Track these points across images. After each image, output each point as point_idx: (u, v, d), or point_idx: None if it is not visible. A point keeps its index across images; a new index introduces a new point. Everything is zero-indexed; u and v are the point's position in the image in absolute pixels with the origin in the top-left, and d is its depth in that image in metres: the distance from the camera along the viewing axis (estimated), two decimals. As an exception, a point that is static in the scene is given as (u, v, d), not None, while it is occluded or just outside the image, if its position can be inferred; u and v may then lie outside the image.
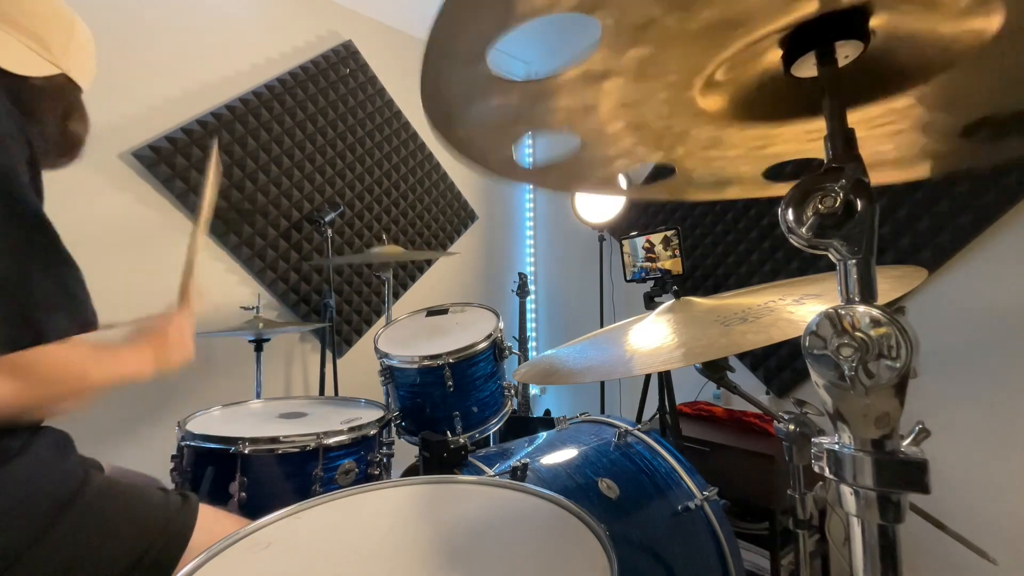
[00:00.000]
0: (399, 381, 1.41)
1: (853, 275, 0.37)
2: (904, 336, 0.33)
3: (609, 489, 0.92)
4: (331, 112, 2.32)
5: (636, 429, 1.09)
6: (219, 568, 0.54)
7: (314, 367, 2.21)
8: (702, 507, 0.96)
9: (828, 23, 0.39)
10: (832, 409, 0.37)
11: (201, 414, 1.29)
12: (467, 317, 1.57)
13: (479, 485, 0.75)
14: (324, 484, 1.11)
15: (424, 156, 2.70)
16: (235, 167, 2.00)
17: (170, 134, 1.84)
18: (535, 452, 1.02)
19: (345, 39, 2.40)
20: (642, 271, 1.98)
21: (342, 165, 2.35)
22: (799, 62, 0.43)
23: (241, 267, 2.04)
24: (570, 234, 2.99)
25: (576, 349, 0.80)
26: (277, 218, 2.12)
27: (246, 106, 2.04)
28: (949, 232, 1.55)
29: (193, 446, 1.10)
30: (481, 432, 1.39)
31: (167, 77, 1.87)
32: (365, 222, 2.45)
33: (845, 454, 0.36)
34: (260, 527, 0.62)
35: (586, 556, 0.54)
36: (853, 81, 0.45)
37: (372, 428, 1.21)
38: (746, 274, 2.11)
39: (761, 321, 0.60)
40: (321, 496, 0.70)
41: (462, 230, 2.89)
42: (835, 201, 0.37)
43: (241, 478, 1.05)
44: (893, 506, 0.35)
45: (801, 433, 0.62)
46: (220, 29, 2.03)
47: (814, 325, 0.37)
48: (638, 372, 0.73)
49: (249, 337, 1.80)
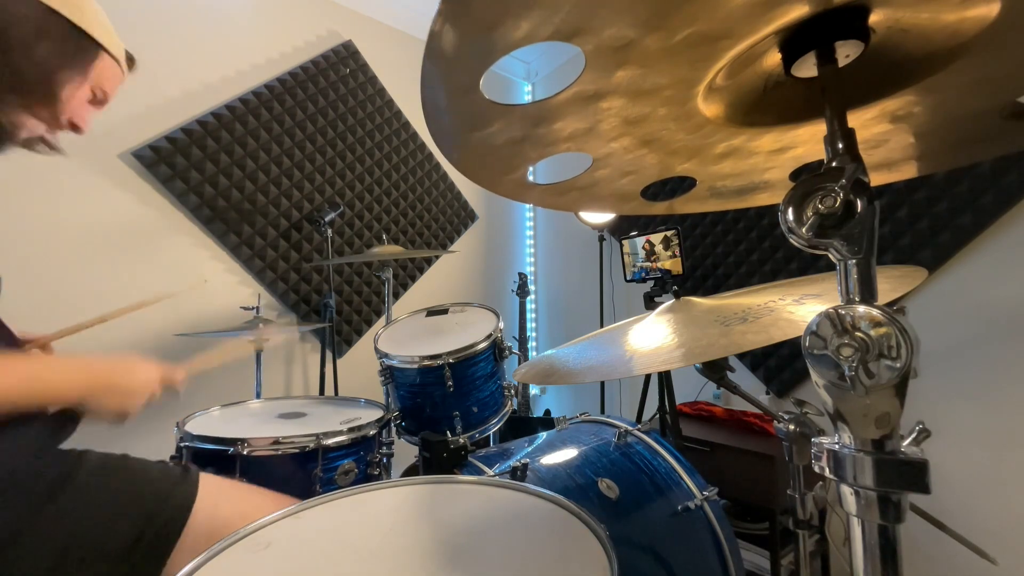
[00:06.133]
0: (399, 381, 1.41)
1: (853, 275, 0.37)
2: (904, 336, 0.33)
3: (609, 489, 0.92)
4: (331, 112, 2.32)
5: (636, 429, 1.09)
6: (219, 568, 0.54)
7: (314, 367, 2.21)
8: (702, 507, 0.96)
9: (826, 23, 0.39)
10: (832, 409, 0.37)
11: (200, 414, 1.29)
12: (467, 317, 1.57)
13: (479, 485, 0.75)
14: (324, 484, 1.11)
15: (424, 156, 2.70)
16: (235, 167, 2.00)
17: (170, 134, 1.84)
18: (535, 452, 1.02)
19: (345, 39, 2.40)
20: (642, 271, 1.98)
21: (342, 165, 2.35)
22: (799, 62, 0.43)
23: (241, 267, 2.04)
24: (570, 234, 2.99)
25: (576, 349, 0.80)
26: (277, 218, 2.12)
27: (246, 106, 2.04)
28: (949, 232, 1.55)
29: (192, 447, 1.10)
30: (481, 432, 1.39)
31: (167, 77, 1.87)
32: (365, 222, 2.44)
33: (845, 454, 0.36)
34: (260, 527, 0.62)
35: (586, 556, 0.54)
36: (859, 79, 0.45)
37: (372, 428, 1.21)
38: (746, 274, 2.11)
39: (761, 321, 0.60)
40: (321, 496, 0.70)
41: (462, 230, 2.89)
42: (835, 201, 0.37)
43: (240, 479, 1.05)
44: (893, 506, 0.35)
45: (801, 433, 0.62)
46: (220, 29, 2.02)
47: (814, 325, 0.37)
48: (638, 372, 0.73)
49: (249, 337, 1.80)
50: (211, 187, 1.93)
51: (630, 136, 0.51)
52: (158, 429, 1.75)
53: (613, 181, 0.63)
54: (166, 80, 1.87)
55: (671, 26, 0.35)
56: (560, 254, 3.16)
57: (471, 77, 0.39)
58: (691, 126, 0.51)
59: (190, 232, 1.92)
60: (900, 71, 0.45)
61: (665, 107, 0.47)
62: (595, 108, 0.45)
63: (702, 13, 0.35)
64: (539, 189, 0.65)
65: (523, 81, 3.27)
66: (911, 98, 0.49)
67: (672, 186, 0.67)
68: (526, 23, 0.34)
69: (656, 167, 0.60)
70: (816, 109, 0.49)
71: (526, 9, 0.32)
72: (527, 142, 0.50)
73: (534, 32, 0.34)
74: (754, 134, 0.55)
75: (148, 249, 1.82)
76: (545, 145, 0.51)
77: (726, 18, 0.36)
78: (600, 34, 0.35)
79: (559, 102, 0.44)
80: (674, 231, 1.85)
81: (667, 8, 0.34)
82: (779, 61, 0.44)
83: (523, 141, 0.50)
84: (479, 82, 0.40)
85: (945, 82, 0.45)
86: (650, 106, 0.46)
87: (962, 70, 0.44)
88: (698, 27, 0.36)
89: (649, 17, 0.34)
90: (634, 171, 0.60)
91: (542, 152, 0.53)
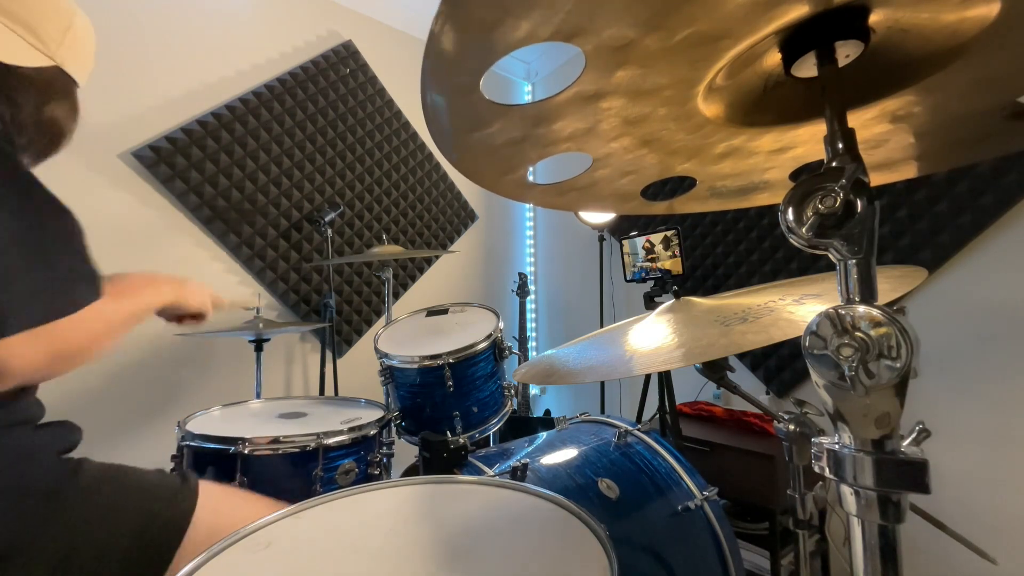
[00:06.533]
0: (399, 381, 1.41)
1: (853, 275, 0.37)
2: (904, 336, 0.33)
3: (609, 489, 0.92)
4: (331, 112, 2.32)
5: (636, 429, 1.09)
6: (219, 568, 0.54)
7: (314, 367, 2.21)
8: (702, 507, 0.96)
9: (826, 23, 0.39)
10: (832, 409, 0.37)
11: (201, 414, 1.29)
12: (467, 317, 1.57)
13: (479, 485, 0.75)
14: (324, 484, 1.11)
15: (424, 156, 2.70)
16: (235, 167, 2.00)
17: (170, 134, 1.84)
18: (535, 452, 1.02)
19: (345, 39, 2.40)
20: (642, 271, 1.98)
21: (342, 165, 2.35)
22: (799, 62, 0.43)
23: (241, 267, 2.04)
24: (570, 234, 2.99)
25: (576, 349, 0.80)
26: (277, 218, 2.12)
27: (246, 106, 2.04)
28: (949, 232, 1.55)
29: (193, 446, 1.10)
30: (481, 432, 1.39)
31: (167, 77, 1.87)
32: (365, 222, 2.45)
33: (845, 454, 0.36)
34: (260, 527, 0.62)
35: (586, 556, 0.54)
36: (859, 79, 0.45)
37: (372, 428, 1.21)
38: (746, 274, 2.11)
39: (761, 321, 0.60)
40: (321, 496, 0.70)
41: (462, 230, 2.89)
42: (835, 201, 0.37)
43: (241, 478, 1.05)
44: (893, 506, 0.35)
45: (801, 433, 0.62)
46: (220, 29, 2.03)
47: (814, 325, 0.37)
48: (638, 372, 0.73)
49: (249, 337, 1.80)
50: (211, 187, 1.93)
51: (630, 136, 0.51)
52: (159, 429, 1.76)
53: (613, 181, 0.63)
54: (166, 80, 1.87)
55: (671, 26, 0.35)
56: (560, 254, 3.16)
57: (471, 77, 0.39)
58: (691, 126, 0.51)
59: (190, 232, 1.92)
60: (900, 71, 0.45)
61: (665, 107, 0.46)
62: (595, 108, 0.45)
63: (702, 13, 0.35)
64: (539, 189, 0.65)
65: (523, 81, 3.27)
66: (911, 98, 0.49)
67: (672, 186, 0.67)
68: (526, 23, 0.34)
69: (656, 167, 0.60)
70: (816, 109, 0.49)
71: (526, 9, 0.32)
72: (527, 142, 0.50)
73: (534, 32, 0.34)
74: (754, 134, 0.55)
75: (148, 249, 1.82)
76: (545, 145, 0.51)
77: (726, 18, 0.36)
78: (600, 34, 0.35)
79: (559, 102, 0.44)
80: (674, 231, 1.86)
81: (667, 8, 0.34)
82: (779, 61, 0.44)
83: (523, 141, 0.50)
84: (479, 82, 0.40)
85: (945, 82, 0.45)
86: (650, 106, 0.46)
87: (962, 70, 0.44)
88: (698, 27, 0.36)
89: (649, 17, 0.34)
90: (634, 171, 0.60)
91: (542, 152, 0.53)
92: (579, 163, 0.58)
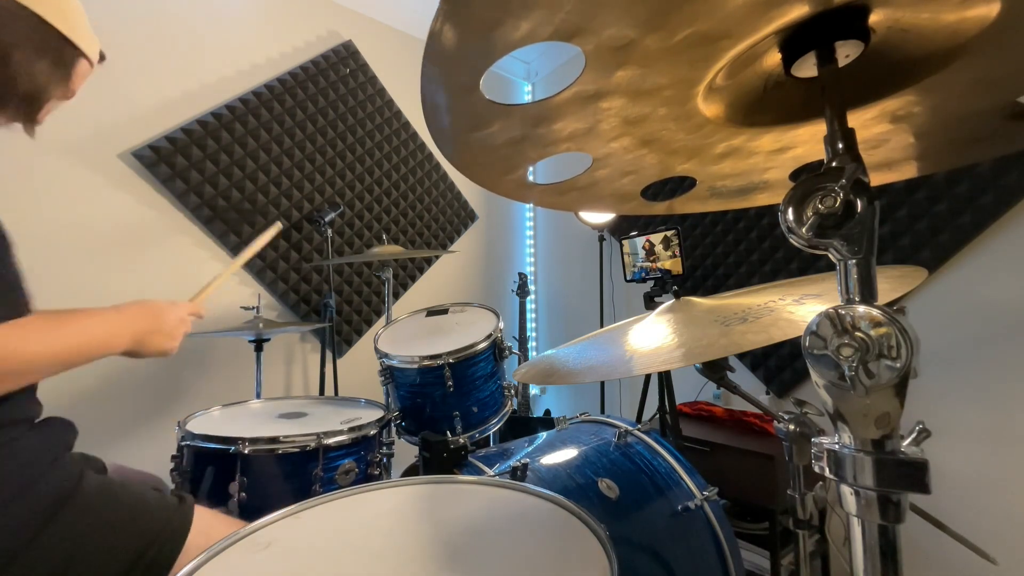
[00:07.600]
0: (399, 381, 1.41)
1: (853, 275, 0.37)
2: (904, 336, 0.33)
3: (609, 489, 0.92)
4: (331, 112, 2.32)
5: (636, 429, 1.09)
6: (219, 568, 0.54)
7: (314, 367, 2.21)
8: (702, 507, 0.96)
9: (826, 23, 0.39)
10: (832, 409, 0.37)
11: (201, 414, 1.29)
12: (467, 317, 1.57)
13: (479, 485, 0.75)
14: (324, 484, 1.11)
15: (424, 156, 2.70)
16: (235, 167, 2.00)
17: (170, 134, 1.84)
18: (535, 452, 1.02)
19: (345, 39, 2.40)
20: (642, 271, 1.98)
21: (342, 165, 2.35)
22: (799, 62, 0.43)
23: (241, 267, 2.04)
24: (570, 234, 2.99)
25: (576, 349, 0.80)
26: (277, 218, 2.12)
27: (246, 106, 2.04)
28: (949, 232, 1.55)
29: (193, 446, 1.10)
30: (481, 432, 1.39)
31: (167, 77, 1.87)
32: (365, 222, 2.44)
33: (845, 454, 0.36)
34: (260, 527, 0.62)
35: (586, 556, 0.54)
36: (859, 79, 0.45)
37: (372, 428, 1.21)
38: (746, 274, 2.11)
39: (761, 321, 0.60)
40: (321, 496, 0.70)
41: (462, 230, 2.89)
42: (835, 201, 0.37)
43: (241, 478, 1.05)
44: (893, 506, 0.35)
45: (801, 433, 0.62)
46: (220, 29, 2.02)
47: (814, 325, 0.37)
48: (638, 372, 0.73)
49: (249, 337, 1.80)
50: (211, 187, 1.93)
51: (630, 136, 0.51)
52: (159, 429, 1.76)
53: (613, 181, 0.63)
54: (166, 80, 1.87)
55: (671, 26, 0.35)
56: (560, 254, 3.16)
57: (471, 77, 0.39)
58: (691, 126, 0.51)
59: (190, 232, 1.92)
60: (900, 71, 0.45)
61: (665, 107, 0.46)
62: (595, 108, 0.45)
63: (702, 13, 0.35)
64: (539, 189, 0.65)
65: (523, 81, 3.27)
66: (911, 98, 0.49)
67: (672, 186, 0.67)
68: (526, 23, 0.34)
69: (656, 167, 0.60)
70: (816, 109, 0.49)
71: (526, 9, 0.32)
72: (527, 142, 0.50)
73: (534, 32, 0.34)
74: (754, 134, 0.55)
75: (148, 249, 1.82)
76: (545, 145, 0.51)
77: (726, 18, 0.36)
78: (600, 34, 0.35)
79: (559, 102, 0.44)
80: (674, 231, 1.85)
81: (667, 8, 0.34)
82: (779, 61, 0.44)
83: (523, 141, 0.50)
84: (479, 82, 0.40)
85: (945, 82, 0.45)
86: (650, 106, 0.46)
87: (962, 70, 0.44)
88: (698, 27, 0.36)
89: (649, 17, 0.34)
90: (634, 171, 0.60)
91: (542, 152, 0.53)
92: (579, 163, 0.58)
